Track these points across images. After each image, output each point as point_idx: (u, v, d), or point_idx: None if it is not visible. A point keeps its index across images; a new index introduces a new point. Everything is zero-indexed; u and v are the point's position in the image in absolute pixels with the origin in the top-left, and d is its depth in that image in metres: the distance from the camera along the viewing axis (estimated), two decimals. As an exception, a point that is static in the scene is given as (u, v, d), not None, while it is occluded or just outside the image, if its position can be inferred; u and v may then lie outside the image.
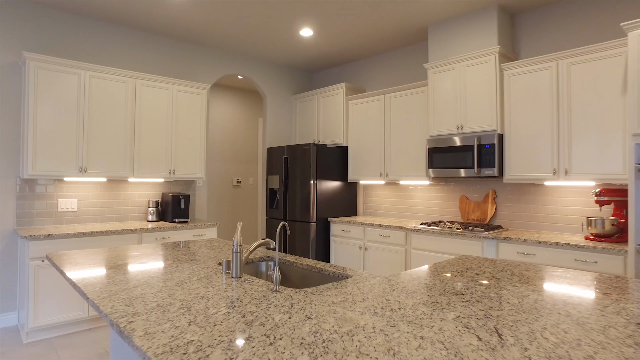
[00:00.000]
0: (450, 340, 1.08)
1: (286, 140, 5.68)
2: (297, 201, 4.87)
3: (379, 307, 1.37)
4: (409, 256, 3.97)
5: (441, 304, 1.42)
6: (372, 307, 1.37)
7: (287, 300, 1.44)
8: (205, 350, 0.99)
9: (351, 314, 1.30)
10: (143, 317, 1.23)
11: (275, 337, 1.09)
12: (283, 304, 1.39)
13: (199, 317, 1.24)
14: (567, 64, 3.27)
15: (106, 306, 1.33)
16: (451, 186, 4.38)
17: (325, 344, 1.05)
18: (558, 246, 3.04)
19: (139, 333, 1.10)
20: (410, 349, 1.02)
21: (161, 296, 1.46)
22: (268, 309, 1.33)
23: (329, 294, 1.52)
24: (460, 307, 1.37)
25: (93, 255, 2.24)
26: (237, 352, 0.99)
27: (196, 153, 4.37)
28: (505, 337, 1.10)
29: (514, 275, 1.90)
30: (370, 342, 1.06)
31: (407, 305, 1.40)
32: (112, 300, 1.39)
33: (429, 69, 4.13)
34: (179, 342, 1.04)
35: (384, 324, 1.20)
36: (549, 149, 3.37)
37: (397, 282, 1.73)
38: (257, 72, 5.34)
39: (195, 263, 2.07)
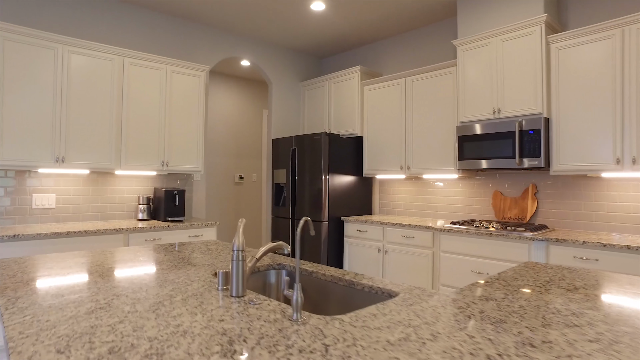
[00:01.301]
0: None
1: (293, 131, 5.17)
2: (306, 198, 4.35)
3: (466, 352, 0.85)
4: (437, 260, 3.45)
5: (559, 343, 0.90)
6: (454, 350, 0.85)
7: (316, 338, 0.92)
8: None
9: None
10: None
11: None
12: (311, 346, 0.88)
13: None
14: (638, 29, 2.73)
15: (21, 354, 0.81)
16: (483, 180, 3.85)
17: None
18: (630, 250, 2.50)
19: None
20: None
21: (122, 331, 0.94)
22: (289, 358, 0.81)
23: (376, 325, 1.00)
24: (599, 354, 0.85)
25: (51, 263, 1.73)
26: None
27: (193, 143, 3.86)
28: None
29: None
30: None
31: (506, 345, 0.88)
32: (38, 343, 0.88)
33: (459, 46, 3.61)
34: None
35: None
36: (610, 134, 2.83)
37: (466, 302, 1.21)
38: (262, 56, 4.83)
39: (183, 273, 1.56)
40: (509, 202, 3.64)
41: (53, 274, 1.52)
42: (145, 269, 1.62)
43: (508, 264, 2.97)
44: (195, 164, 3.86)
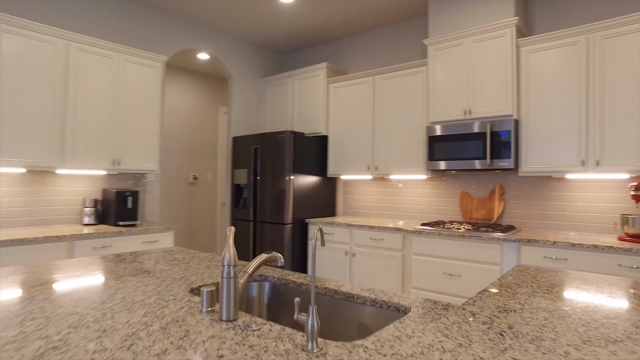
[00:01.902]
0: None
1: (254, 129, 4.92)
2: (269, 199, 4.13)
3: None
4: (408, 263, 3.39)
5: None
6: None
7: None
8: None
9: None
10: None
11: None
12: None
13: None
14: (601, 37, 2.82)
15: None
16: (449, 181, 3.85)
17: None
18: (597, 249, 2.56)
19: None
20: None
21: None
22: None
23: (408, 352, 0.85)
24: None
25: (-18, 282, 1.41)
26: None
27: (149, 139, 3.51)
28: None
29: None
30: None
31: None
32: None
33: (430, 45, 3.57)
34: None
35: None
36: (576, 137, 2.90)
37: (486, 315, 1.09)
38: (223, 49, 4.54)
39: (153, 291, 1.32)
40: (476, 203, 3.67)
41: (-15, 298, 1.22)
42: (104, 288, 1.36)
43: (481, 266, 2.96)
44: (150, 163, 3.52)
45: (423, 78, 3.70)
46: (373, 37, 4.48)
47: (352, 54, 4.66)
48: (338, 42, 4.79)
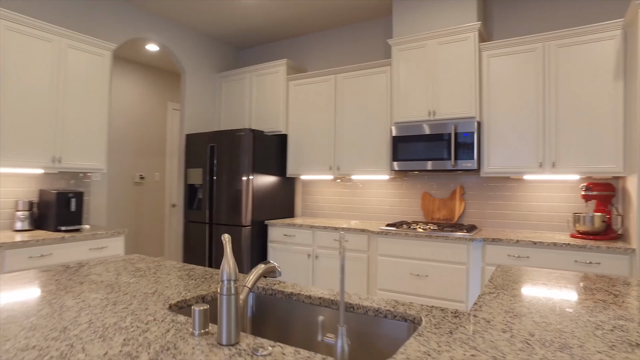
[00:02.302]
0: None
1: (208, 126, 4.66)
2: (227, 200, 3.92)
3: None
4: (374, 264, 3.35)
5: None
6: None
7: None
8: None
9: None
10: None
11: None
12: None
13: None
14: (556, 45, 2.96)
15: None
16: (411, 182, 3.88)
17: None
18: (557, 247, 2.68)
19: None
20: None
21: None
22: None
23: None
24: None
25: None
26: None
27: (95, 135, 3.16)
28: None
29: None
30: None
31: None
32: None
33: (394, 45, 3.57)
34: None
35: None
36: (534, 139, 3.03)
37: (503, 323, 1.04)
38: (176, 41, 4.24)
39: (125, 310, 1.12)
40: (437, 203, 3.72)
41: None
42: (62, 309, 1.14)
43: (448, 265, 2.99)
44: (96, 161, 3.17)
45: (387, 78, 3.69)
46: (335, 35, 4.42)
47: (313, 51, 4.57)
48: (298, 39, 4.67)
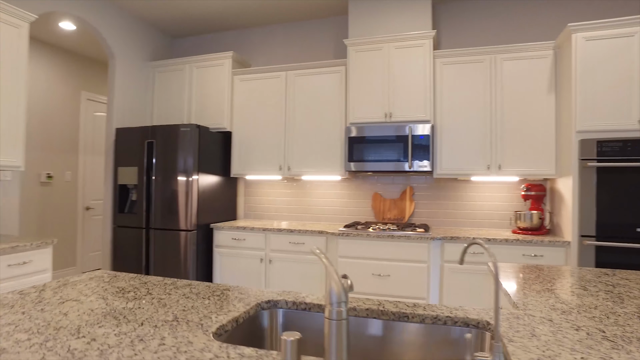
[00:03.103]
0: None
1: (138, 120, 4.16)
2: (168, 203, 3.54)
3: None
4: (334, 265, 3.30)
5: None
6: None
7: None
8: None
9: None
10: None
11: None
12: None
13: None
14: (501, 59, 3.22)
15: None
16: (361, 183, 3.92)
17: None
18: (507, 243, 2.91)
19: None
20: None
21: None
22: None
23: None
24: None
25: None
26: None
27: (10, 125, 2.60)
28: None
29: None
30: None
31: None
32: None
33: (350, 46, 3.56)
34: None
35: None
36: (483, 144, 3.26)
37: (548, 320, 1.06)
38: (105, 20, 3.70)
39: (165, 346, 0.91)
40: (388, 204, 3.81)
41: None
42: (79, 356, 0.88)
43: (410, 264, 3.07)
44: (11, 156, 2.61)
45: (341, 78, 3.67)
46: (283, 31, 4.27)
47: (258, 45, 4.36)
48: (241, 32, 4.42)
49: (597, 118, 2.75)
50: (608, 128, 2.73)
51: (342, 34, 4.06)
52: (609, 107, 2.74)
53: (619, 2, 3.30)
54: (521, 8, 3.52)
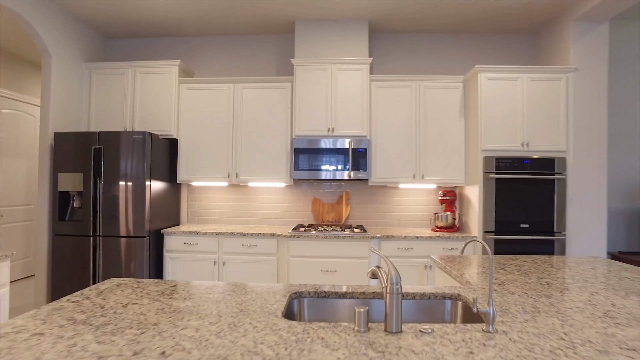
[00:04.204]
0: None
1: (73, 124, 4.00)
2: (119, 209, 3.53)
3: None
4: (284, 265, 3.66)
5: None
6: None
7: (524, 334, 1.09)
8: None
9: None
10: None
11: None
12: (523, 341, 1.05)
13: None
14: (424, 86, 3.91)
15: None
16: (302, 189, 4.33)
17: None
18: (432, 239, 3.58)
19: None
20: None
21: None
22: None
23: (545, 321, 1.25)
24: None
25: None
26: None
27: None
28: None
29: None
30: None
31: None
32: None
33: (297, 65, 3.95)
34: None
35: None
36: (407, 157, 3.90)
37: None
38: (39, 14, 3.51)
39: (276, 331, 1.21)
40: (326, 208, 4.28)
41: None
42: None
43: (353, 260, 3.56)
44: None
45: (287, 93, 4.03)
46: (229, 42, 4.46)
47: (201, 54, 4.49)
48: (183, 38, 4.50)
49: (495, 140, 3.57)
50: (502, 148, 3.56)
51: (286, 50, 4.42)
52: (503, 132, 3.57)
53: (510, 50, 4.23)
54: (439, 44, 4.27)
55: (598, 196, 3.56)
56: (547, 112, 3.59)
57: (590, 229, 3.56)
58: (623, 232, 4.11)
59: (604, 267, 2.14)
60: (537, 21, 3.96)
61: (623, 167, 4.12)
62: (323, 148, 3.86)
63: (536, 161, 3.55)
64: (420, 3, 3.63)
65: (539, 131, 3.59)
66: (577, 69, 3.59)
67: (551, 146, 3.58)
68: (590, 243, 3.56)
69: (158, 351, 1.02)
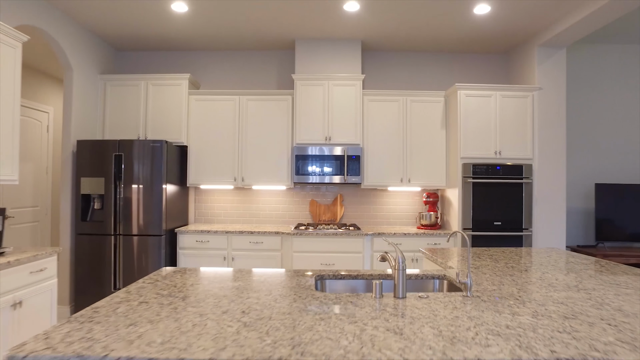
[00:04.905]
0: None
1: (91, 132, 4.32)
2: (138, 210, 3.90)
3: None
4: (288, 259, 4.09)
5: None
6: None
7: (488, 294, 1.57)
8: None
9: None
10: None
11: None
12: (487, 300, 1.54)
13: None
14: (410, 100, 4.41)
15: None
16: (300, 191, 4.77)
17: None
18: (418, 235, 4.09)
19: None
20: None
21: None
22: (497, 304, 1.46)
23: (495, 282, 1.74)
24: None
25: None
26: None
27: (7, 141, 2.79)
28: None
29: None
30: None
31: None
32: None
33: (297, 80, 4.39)
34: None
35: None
36: (397, 163, 4.40)
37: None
38: (63, 32, 3.84)
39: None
40: (322, 208, 4.73)
41: None
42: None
43: (349, 254, 4.02)
44: (10, 171, 2.80)
45: (288, 105, 4.47)
46: (233, 57, 4.87)
47: (207, 67, 4.87)
48: (191, 52, 4.88)
49: (472, 149, 4.10)
50: (478, 156, 4.10)
51: (286, 64, 4.85)
52: (479, 142, 4.10)
53: (486, 68, 4.78)
54: (424, 62, 4.79)
55: (558, 197, 4.14)
56: (516, 125, 4.15)
57: (552, 225, 4.14)
58: (581, 229, 4.72)
59: (556, 255, 2.67)
60: (508, 45, 4.52)
61: (581, 171, 4.73)
62: (321, 155, 4.31)
63: (507, 167, 4.10)
64: (407, 27, 4.12)
65: (510, 141, 4.14)
66: (541, 88, 4.16)
67: (520, 154, 4.14)
68: (552, 238, 4.13)
69: (239, 310, 1.46)
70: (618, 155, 4.75)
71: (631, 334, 1.21)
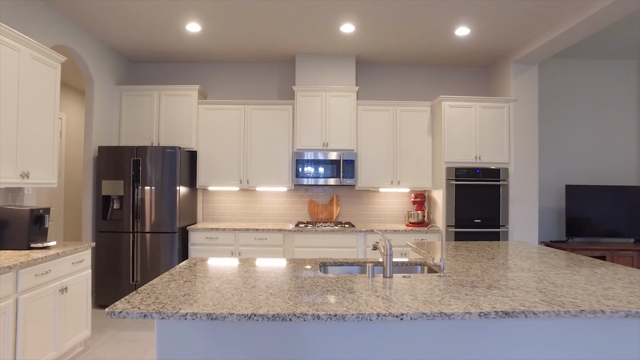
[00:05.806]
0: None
1: (104, 137, 4.72)
2: (155, 210, 4.31)
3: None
4: (290, 254, 4.53)
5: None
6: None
7: (457, 275, 2.02)
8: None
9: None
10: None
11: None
12: (455, 279, 1.99)
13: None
14: (400, 110, 4.87)
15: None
16: (299, 192, 5.21)
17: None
18: (406, 232, 4.55)
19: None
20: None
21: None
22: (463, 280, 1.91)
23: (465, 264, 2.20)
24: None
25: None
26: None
27: (48, 147, 3.19)
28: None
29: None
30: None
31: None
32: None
33: (297, 91, 4.83)
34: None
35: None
36: (386, 166, 4.86)
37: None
38: (87, 49, 4.24)
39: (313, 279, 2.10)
40: (320, 208, 5.18)
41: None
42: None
43: (344, 249, 4.47)
44: (50, 175, 3.20)
45: (289, 114, 4.90)
46: (238, 69, 5.29)
47: (214, 77, 5.29)
48: (199, 64, 5.29)
49: (455, 154, 4.57)
50: (461, 160, 4.57)
51: (286, 76, 5.29)
52: (461, 148, 4.58)
53: (469, 80, 5.26)
54: (412, 74, 5.25)
55: (531, 197, 4.63)
56: (494, 132, 4.63)
57: (526, 222, 4.62)
58: (554, 225, 5.22)
59: (522, 247, 3.15)
60: (488, 60, 5.00)
61: (553, 174, 5.23)
62: (319, 159, 4.75)
63: (486, 171, 4.57)
64: (397, 44, 4.58)
65: (488, 147, 4.62)
66: (516, 99, 4.65)
67: (497, 159, 4.62)
68: (526, 233, 4.62)
69: (264, 285, 1.89)
70: (586, 159, 5.26)
71: (552, 296, 1.67)
